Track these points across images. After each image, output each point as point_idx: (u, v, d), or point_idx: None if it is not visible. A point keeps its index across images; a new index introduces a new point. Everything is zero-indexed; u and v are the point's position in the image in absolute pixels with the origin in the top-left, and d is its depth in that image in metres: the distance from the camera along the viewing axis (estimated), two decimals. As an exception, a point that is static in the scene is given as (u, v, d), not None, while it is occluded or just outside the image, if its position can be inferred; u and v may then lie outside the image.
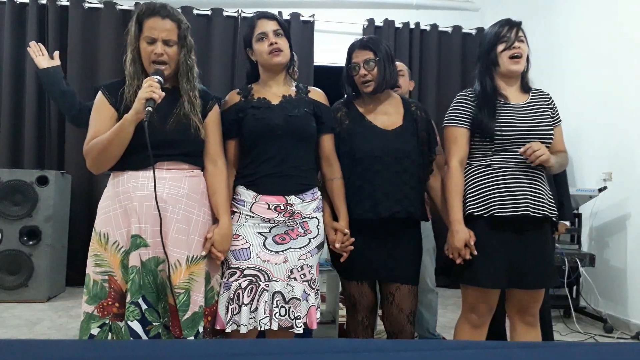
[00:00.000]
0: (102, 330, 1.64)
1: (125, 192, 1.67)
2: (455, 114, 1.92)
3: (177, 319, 1.66)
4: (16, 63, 4.53)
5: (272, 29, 1.85)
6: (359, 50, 1.96)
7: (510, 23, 1.89)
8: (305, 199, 1.86)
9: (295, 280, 1.83)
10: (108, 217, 1.69)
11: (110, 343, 1.47)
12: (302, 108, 1.87)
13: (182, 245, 1.68)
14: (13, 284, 3.67)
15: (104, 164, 1.69)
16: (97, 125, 1.69)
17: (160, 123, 1.67)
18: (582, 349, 1.30)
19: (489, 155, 1.87)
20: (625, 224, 3.50)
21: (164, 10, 1.69)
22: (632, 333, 3.29)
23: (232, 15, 4.81)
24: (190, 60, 1.74)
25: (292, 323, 1.78)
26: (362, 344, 1.31)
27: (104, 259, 1.67)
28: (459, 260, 1.82)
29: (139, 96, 1.60)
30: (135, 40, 1.70)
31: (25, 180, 3.72)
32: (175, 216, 1.68)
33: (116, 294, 1.66)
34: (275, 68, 1.89)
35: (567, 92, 3.95)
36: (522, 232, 1.82)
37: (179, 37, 1.71)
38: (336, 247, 1.88)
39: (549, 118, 1.90)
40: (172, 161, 1.71)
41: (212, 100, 1.84)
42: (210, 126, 1.81)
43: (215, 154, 1.81)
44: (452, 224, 1.84)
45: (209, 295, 1.77)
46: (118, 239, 1.67)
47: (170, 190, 1.68)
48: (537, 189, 1.84)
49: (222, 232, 1.75)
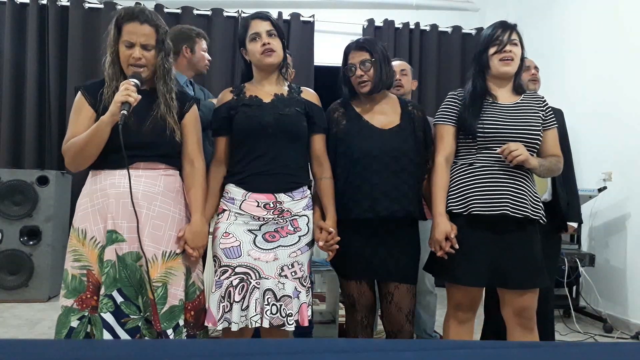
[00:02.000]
0: (81, 323, 1.68)
1: (102, 190, 1.72)
2: (442, 112, 1.97)
3: (156, 312, 1.70)
4: (16, 63, 4.53)
5: (266, 29, 1.87)
6: (355, 51, 1.97)
7: (504, 26, 1.90)
8: (295, 197, 1.87)
9: (286, 277, 1.83)
10: (86, 213, 1.73)
11: (109, 343, 1.48)
12: (294, 107, 1.89)
13: (158, 240, 1.72)
14: (13, 284, 3.68)
15: (81, 163, 1.73)
16: (75, 125, 1.73)
17: (137, 125, 1.71)
18: (581, 348, 1.30)
19: (472, 153, 1.90)
20: (625, 224, 3.50)
21: (142, 15, 1.72)
22: (631, 333, 3.29)
23: (232, 15, 4.81)
24: (167, 64, 1.78)
25: (283, 321, 1.79)
26: (362, 343, 1.31)
27: (82, 254, 1.71)
28: (440, 253, 1.84)
29: (115, 99, 1.64)
30: (114, 44, 1.74)
31: (25, 180, 3.72)
32: (151, 213, 1.72)
33: (94, 288, 1.70)
34: (268, 68, 1.90)
35: (567, 92, 3.95)
36: (504, 232, 1.83)
37: (157, 41, 1.74)
38: (320, 245, 1.88)
39: (539, 120, 1.90)
40: (149, 162, 1.75)
41: (190, 102, 1.87)
42: (188, 127, 1.84)
43: (192, 154, 1.84)
44: (435, 217, 1.88)
45: (190, 290, 1.81)
46: (95, 234, 1.71)
47: (146, 187, 1.73)
48: (518, 189, 1.84)
49: (193, 229, 1.78)
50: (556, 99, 2.00)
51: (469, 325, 1.95)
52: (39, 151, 4.54)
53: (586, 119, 3.79)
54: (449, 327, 1.97)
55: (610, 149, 3.63)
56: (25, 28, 4.54)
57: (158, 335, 1.71)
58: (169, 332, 1.70)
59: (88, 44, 4.58)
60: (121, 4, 4.63)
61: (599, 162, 3.70)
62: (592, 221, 3.80)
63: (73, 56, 4.53)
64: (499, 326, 2.27)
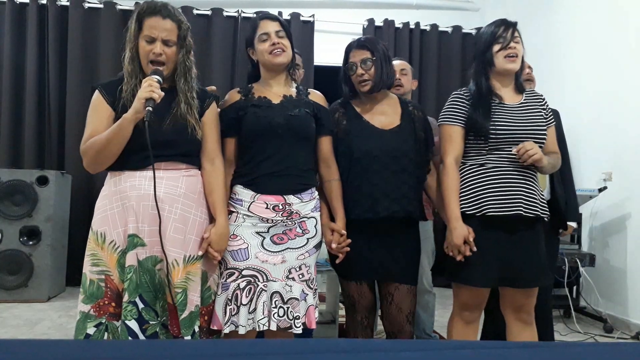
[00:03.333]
0: (98, 330, 1.64)
1: (123, 192, 1.67)
2: (449, 112, 1.94)
3: (175, 318, 1.66)
4: (16, 63, 4.53)
5: (275, 29, 1.86)
6: (356, 50, 1.97)
7: (506, 23, 1.90)
8: (304, 199, 1.86)
9: (293, 280, 1.82)
10: (105, 216, 1.69)
11: (109, 343, 1.48)
12: (303, 108, 1.88)
13: (179, 244, 1.68)
14: (13, 284, 3.68)
15: (102, 163, 1.68)
16: (94, 124, 1.68)
17: (158, 123, 1.67)
18: (582, 349, 1.30)
19: (482, 154, 1.88)
20: (625, 224, 3.50)
21: (165, 10, 1.68)
22: (632, 333, 3.29)
23: (232, 15, 4.81)
24: (188, 61, 1.74)
25: (290, 323, 1.78)
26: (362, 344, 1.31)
27: (100, 259, 1.67)
28: (459, 257, 1.82)
29: (139, 96, 1.59)
30: (134, 39, 1.69)
31: (25, 180, 3.72)
32: (173, 215, 1.68)
33: (112, 294, 1.66)
34: (277, 68, 1.89)
35: (567, 92, 3.95)
36: (514, 232, 1.83)
37: (179, 37, 1.70)
38: (332, 247, 1.88)
39: (542, 119, 1.91)
40: (170, 161, 1.70)
41: (210, 99, 1.83)
42: (208, 125, 1.80)
43: (213, 152, 1.80)
44: (450, 222, 1.85)
45: (206, 294, 1.77)
46: (115, 238, 1.67)
47: (167, 189, 1.68)
48: (529, 189, 1.85)
49: (218, 231, 1.74)
50: (555, 99, 2.00)
51: (474, 326, 1.95)
52: (39, 151, 4.54)
53: (586, 118, 3.79)
54: (455, 327, 1.95)
55: (610, 149, 3.62)
56: (25, 28, 4.54)
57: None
58: (187, 339, 1.65)
59: (88, 43, 4.58)
60: (121, 4, 4.64)
61: (599, 162, 3.70)
62: (592, 221, 3.79)
63: (73, 56, 4.54)
64: (499, 325, 2.27)
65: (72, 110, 4.47)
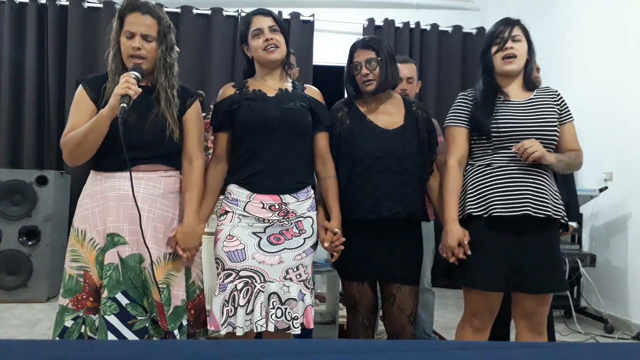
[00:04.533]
0: (75, 323, 1.68)
1: (103, 192, 1.71)
2: (453, 114, 1.93)
3: (163, 313, 1.70)
4: (16, 63, 4.52)
5: (268, 25, 1.84)
6: (361, 50, 1.96)
7: (507, 22, 1.87)
8: (300, 198, 1.85)
9: (290, 280, 1.81)
10: (86, 214, 1.73)
11: (108, 343, 1.47)
12: (299, 102, 1.86)
13: (159, 242, 1.72)
14: (12, 284, 3.67)
15: (79, 157, 1.70)
16: (75, 118, 1.70)
17: (138, 124, 1.69)
18: (582, 349, 1.29)
19: (489, 154, 1.85)
20: (626, 224, 3.49)
21: (144, 6, 1.71)
22: (632, 333, 3.29)
23: (232, 15, 4.80)
24: (169, 58, 1.75)
25: (288, 324, 1.77)
26: (363, 344, 1.31)
27: (80, 255, 1.71)
28: (452, 259, 1.81)
29: (115, 92, 1.60)
30: (116, 36, 1.72)
31: (24, 180, 3.71)
32: (152, 215, 1.71)
33: (90, 289, 1.69)
34: (271, 64, 1.88)
35: (567, 92, 3.92)
36: (524, 234, 1.78)
37: (159, 33, 1.72)
38: (325, 246, 1.87)
39: (554, 115, 1.85)
40: (149, 164, 1.73)
41: (192, 97, 1.84)
42: (189, 123, 1.81)
43: (192, 152, 1.81)
44: (446, 223, 1.83)
45: (191, 289, 1.81)
46: (94, 236, 1.70)
47: (146, 190, 1.71)
48: (539, 188, 1.78)
49: (184, 230, 1.75)
50: (556, 99, 1.99)
51: (483, 334, 1.86)
52: (38, 151, 4.54)
53: (587, 118, 3.78)
54: (464, 334, 1.89)
55: (610, 148, 3.62)
56: (24, 27, 4.54)
57: (166, 335, 1.72)
58: (175, 333, 1.70)
59: (87, 43, 4.58)
60: (120, 3, 4.63)
61: (600, 162, 3.69)
62: (593, 221, 3.79)
63: (72, 56, 4.53)
64: (502, 329, 2.25)
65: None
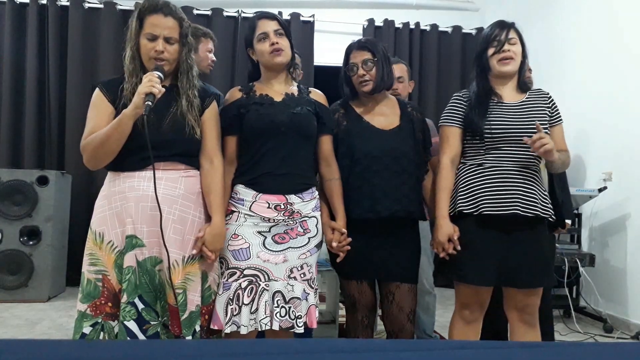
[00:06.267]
0: (94, 330, 1.64)
1: (121, 192, 1.67)
2: (448, 114, 1.97)
3: (176, 318, 1.66)
4: (16, 63, 4.53)
5: (273, 29, 1.85)
6: (357, 51, 1.98)
7: (502, 25, 1.90)
8: (305, 198, 1.86)
9: (295, 279, 1.83)
10: (104, 216, 1.68)
11: (109, 343, 1.48)
12: (305, 107, 1.88)
13: (177, 245, 1.68)
14: (13, 284, 3.68)
15: (101, 159, 1.67)
16: (94, 121, 1.68)
17: (157, 123, 1.66)
18: (582, 349, 1.30)
19: (480, 154, 1.89)
20: (625, 224, 3.50)
21: (166, 8, 1.68)
22: (632, 333, 3.29)
23: (232, 15, 4.81)
24: (190, 59, 1.74)
25: (292, 323, 1.78)
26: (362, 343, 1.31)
27: (98, 258, 1.67)
28: (443, 254, 1.86)
29: (139, 90, 1.58)
30: (135, 37, 1.68)
31: (25, 180, 3.72)
32: (171, 217, 1.68)
33: (109, 294, 1.65)
34: (277, 68, 1.89)
35: (567, 93, 3.95)
36: (514, 231, 1.83)
37: (181, 35, 1.70)
38: (333, 246, 1.88)
39: (545, 118, 1.90)
40: (169, 162, 1.70)
41: (210, 97, 1.82)
42: (208, 123, 1.79)
43: (212, 151, 1.79)
44: (437, 219, 1.88)
45: (206, 294, 1.77)
46: (113, 238, 1.67)
47: (166, 190, 1.67)
48: (529, 188, 1.84)
49: (213, 231, 1.73)
50: (556, 100, 1.99)
51: (475, 326, 1.94)
52: (39, 151, 4.54)
53: (586, 119, 3.79)
54: (455, 326, 1.96)
55: (610, 149, 3.62)
56: (25, 28, 4.55)
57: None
58: (188, 339, 1.65)
59: (88, 43, 4.59)
60: (121, 4, 4.64)
61: (599, 162, 3.70)
62: (592, 221, 3.80)
63: (73, 56, 4.54)
64: (499, 325, 2.27)
65: (72, 110, 4.46)
